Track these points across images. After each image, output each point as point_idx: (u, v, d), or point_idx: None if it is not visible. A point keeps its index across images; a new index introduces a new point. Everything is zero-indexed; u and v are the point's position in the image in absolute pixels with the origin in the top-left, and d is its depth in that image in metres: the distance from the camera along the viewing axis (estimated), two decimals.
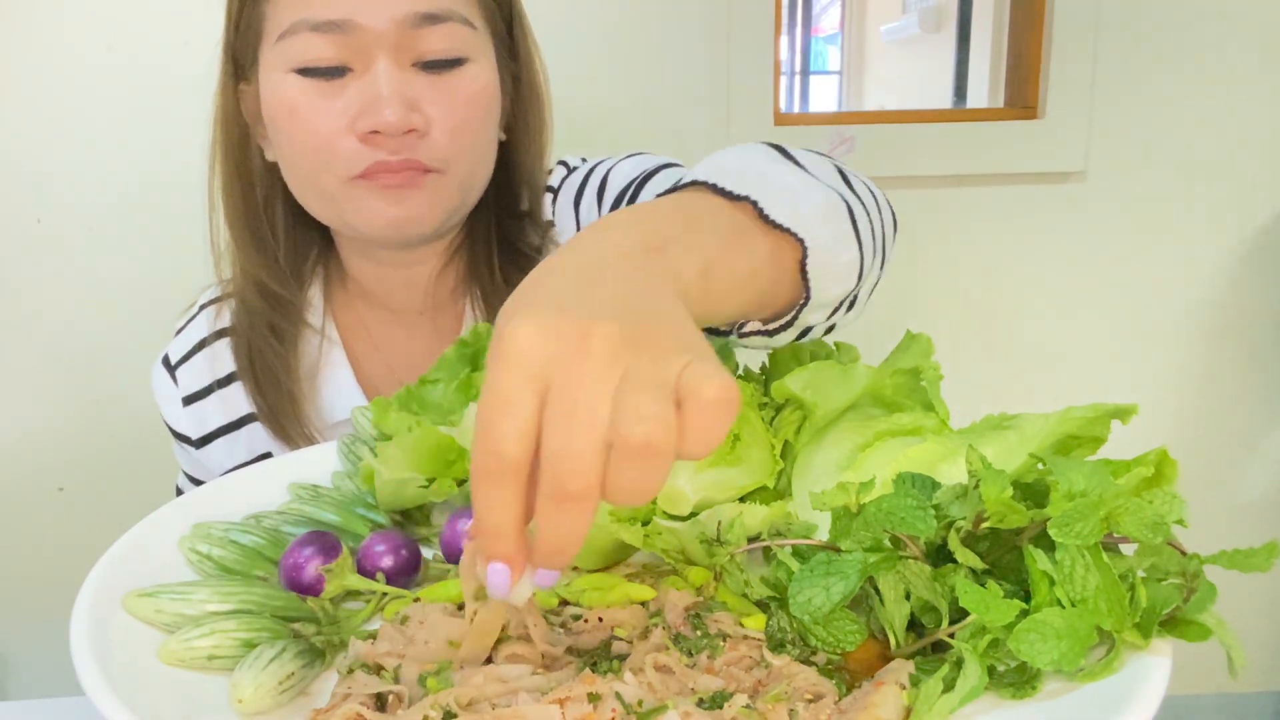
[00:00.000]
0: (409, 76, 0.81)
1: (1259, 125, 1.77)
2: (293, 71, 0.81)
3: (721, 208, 0.54)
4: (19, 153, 1.64)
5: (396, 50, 0.80)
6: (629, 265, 0.46)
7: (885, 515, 0.51)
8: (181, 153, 1.65)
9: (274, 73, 0.83)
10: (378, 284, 0.96)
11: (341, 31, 0.79)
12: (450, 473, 0.70)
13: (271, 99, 0.83)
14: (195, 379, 0.96)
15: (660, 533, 0.62)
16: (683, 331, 0.42)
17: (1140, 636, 0.49)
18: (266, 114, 0.85)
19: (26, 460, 1.75)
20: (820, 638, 0.53)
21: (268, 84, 0.84)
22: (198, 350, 0.97)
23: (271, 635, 0.55)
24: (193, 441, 0.96)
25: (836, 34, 5.52)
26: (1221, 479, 1.94)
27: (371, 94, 0.79)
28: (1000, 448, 0.61)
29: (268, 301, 0.92)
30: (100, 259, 1.68)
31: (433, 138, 0.82)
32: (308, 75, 0.81)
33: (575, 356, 0.39)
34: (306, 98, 0.81)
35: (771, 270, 0.56)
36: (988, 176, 1.77)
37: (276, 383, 0.92)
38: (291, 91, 0.81)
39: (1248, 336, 1.87)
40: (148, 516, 0.67)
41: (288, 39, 0.80)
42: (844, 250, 0.60)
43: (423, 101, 0.81)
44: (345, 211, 0.85)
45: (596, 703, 0.46)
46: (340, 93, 0.81)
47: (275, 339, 0.92)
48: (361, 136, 0.80)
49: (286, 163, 0.87)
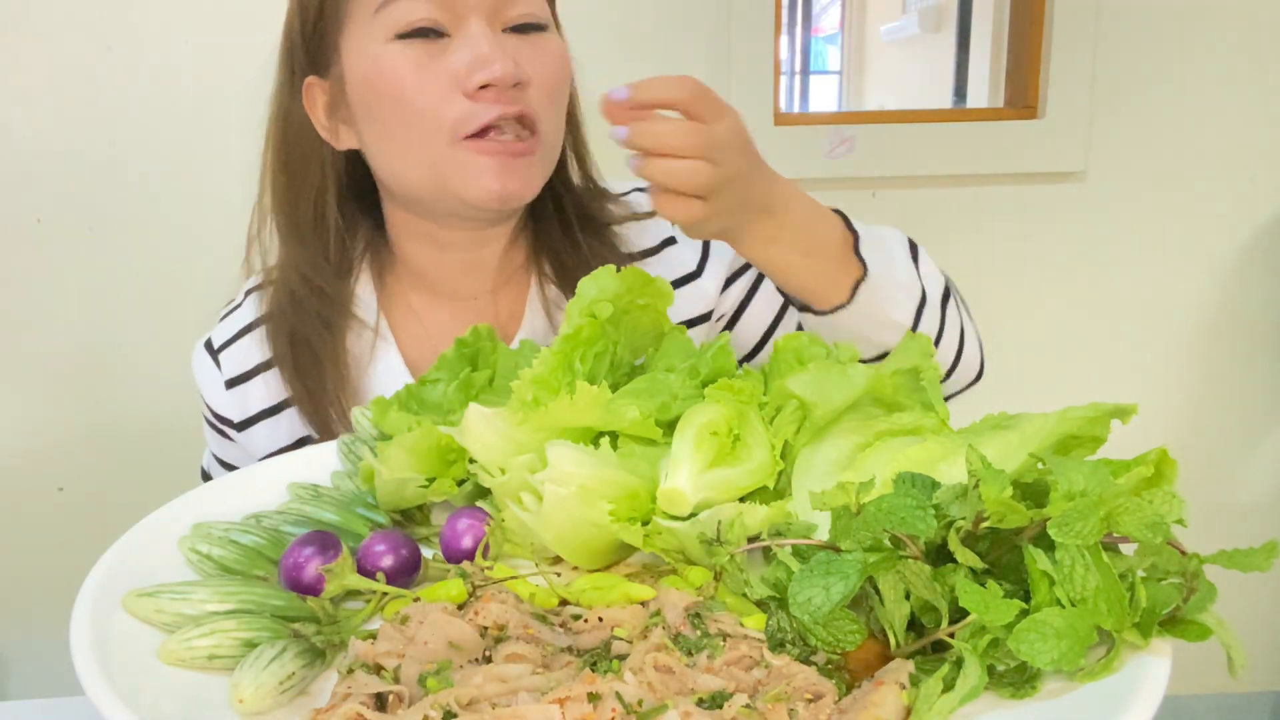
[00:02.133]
0: (503, 38, 0.85)
1: (1259, 125, 1.77)
2: (394, 39, 0.84)
3: (840, 229, 0.85)
4: (19, 153, 1.64)
5: (491, 14, 0.84)
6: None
7: (885, 515, 0.51)
8: (181, 152, 1.66)
9: (373, 45, 0.85)
10: (437, 269, 0.97)
11: None
12: (450, 473, 0.71)
13: (371, 72, 0.85)
14: (239, 362, 0.97)
15: (660, 533, 0.62)
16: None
17: (1140, 636, 0.49)
18: (363, 89, 0.87)
19: (26, 460, 1.75)
20: (820, 638, 0.53)
21: (365, 59, 0.86)
22: (243, 334, 0.98)
23: (272, 635, 0.55)
24: (235, 424, 0.97)
25: (836, 34, 5.52)
26: (1221, 479, 1.94)
27: (476, 52, 0.83)
28: (1000, 448, 0.61)
29: (313, 293, 0.94)
30: (100, 259, 1.68)
31: (533, 93, 0.86)
32: (410, 39, 0.84)
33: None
34: (411, 63, 0.84)
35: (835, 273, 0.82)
36: (988, 176, 1.77)
37: (318, 370, 0.93)
38: (395, 59, 0.84)
39: (1248, 336, 1.87)
40: (148, 516, 0.67)
41: (388, 8, 0.83)
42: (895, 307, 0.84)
43: (521, 59, 0.84)
44: (450, 179, 0.86)
45: (596, 702, 0.46)
46: (441, 55, 0.84)
47: (323, 327, 0.94)
48: (471, 94, 0.83)
49: (388, 136, 0.88)
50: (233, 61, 1.63)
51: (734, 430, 0.65)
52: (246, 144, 1.65)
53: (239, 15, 1.62)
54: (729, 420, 0.65)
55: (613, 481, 0.63)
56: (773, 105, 1.70)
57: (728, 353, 0.73)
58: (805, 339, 0.72)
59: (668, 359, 0.74)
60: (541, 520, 0.63)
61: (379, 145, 0.89)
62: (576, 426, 0.67)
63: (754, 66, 1.68)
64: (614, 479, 0.63)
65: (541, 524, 0.63)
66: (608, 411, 0.66)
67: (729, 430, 0.65)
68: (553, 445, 0.64)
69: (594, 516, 0.61)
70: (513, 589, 0.59)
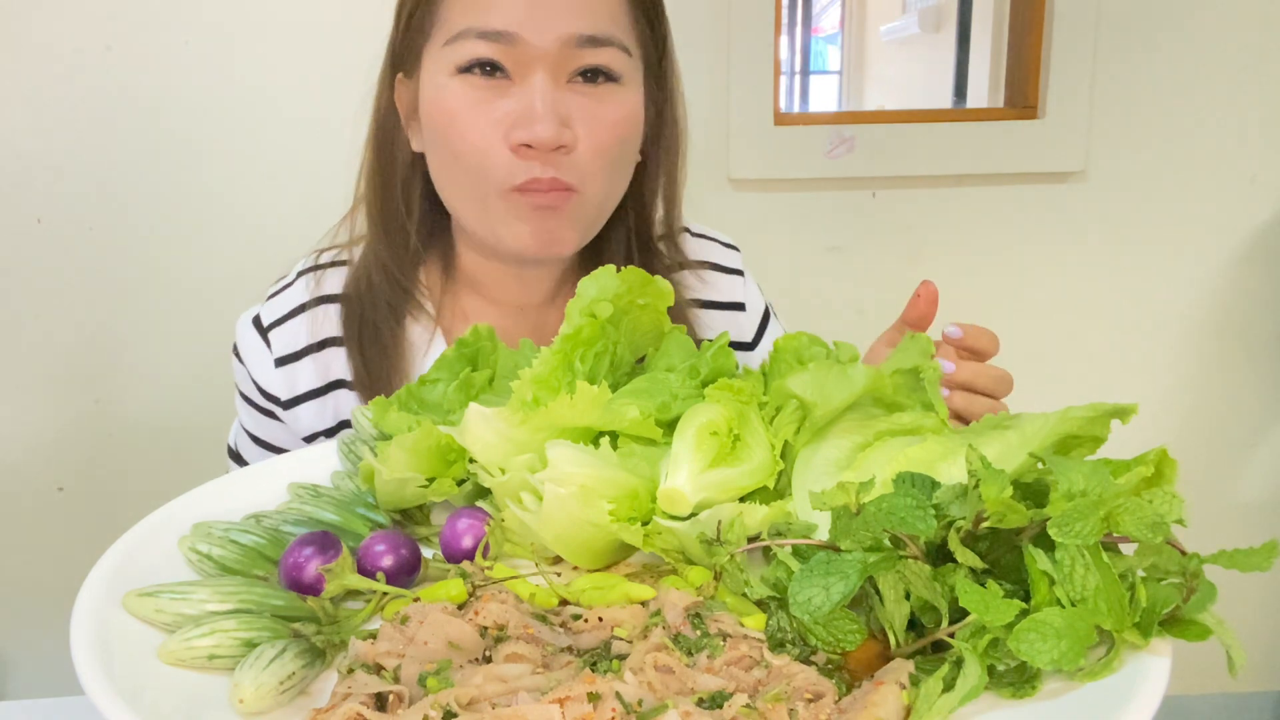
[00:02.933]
0: (563, 94, 0.85)
1: (1259, 125, 1.77)
2: (456, 74, 0.85)
3: None
4: (19, 153, 1.64)
5: (556, 66, 0.84)
6: None
7: (885, 515, 0.51)
8: (181, 153, 1.66)
9: (438, 75, 0.86)
10: (489, 277, 0.99)
11: (507, 42, 0.83)
12: (450, 473, 0.71)
13: (432, 100, 0.87)
14: (289, 342, 0.98)
15: (660, 533, 0.62)
16: None
17: (1140, 636, 0.49)
18: (424, 113, 0.89)
19: (26, 460, 1.75)
20: (820, 637, 0.53)
21: (430, 85, 0.88)
22: (295, 314, 0.99)
23: (272, 635, 0.55)
24: (282, 403, 0.97)
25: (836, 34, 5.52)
26: (1221, 479, 1.94)
27: (527, 107, 0.83)
28: (1000, 447, 0.61)
29: (388, 280, 0.96)
30: (100, 259, 1.68)
31: (578, 154, 0.86)
32: (469, 74, 0.85)
33: None
34: (466, 103, 0.85)
35: None
36: (988, 176, 1.77)
37: (380, 355, 0.95)
38: (453, 96, 0.85)
39: (1248, 336, 1.87)
40: (148, 516, 0.67)
41: (455, 43, 0.85)
42: None
43: (573, 119, 0.85)
44: (496, 224, 0.88)
45: (596, 702, 0.46)
46: (498, 99, 0.84)
47: (391, 315, 0.96)
48: (513, 148, 0.84)
49: (442, 165, 0.90)
50: (233, 61, 1.63)
51: (734, 430, 0.65)
52: (247, 143, 1.66)
53: (239, 15, 1.62)
54: (729, 420, 0.65)
55: (613, 481, 0.63)
56: (773, 105, 1.70)
57: (728, 353, 0.73)
58: (805, 339, 0.72)
59: (668, 359, 0.74)
60: (541, 520, 0.63)
61: (437, 170, 0.91)
62: (576, 426, 0.67)
63: (754, 66, 1.68)
64: (614, 479, 0.63)
65: (541, 524, 0.63)
66: (608, 411, 0.66)
67: (729, 430, 0.65)
68: (553, 445, 0.64)
69: (594, 516, 0.61)
70: (513, 589, 0.59)
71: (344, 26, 1.63)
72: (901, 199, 1.76)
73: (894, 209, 1.75)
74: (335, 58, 1.64)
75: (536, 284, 0.99)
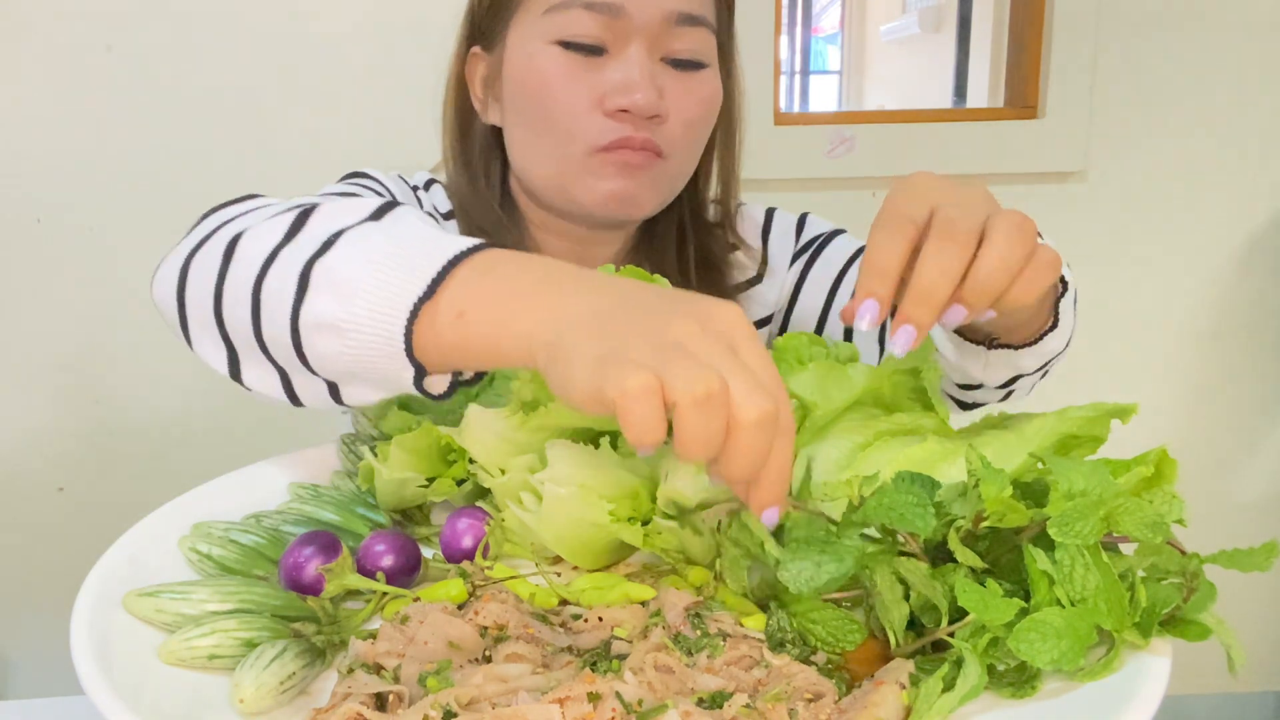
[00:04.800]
0: (658, 68, 0.87)
1: (1258, 126, 1.77)
2: (555, 43, 0.86)
3: None
4: (19, 153, 1.64)
5: (653, 41, 0.87)
6: None
7: (885, 510, 0.51)
8: (181, 152, 1.66)
9: (533, 42, 0.88)
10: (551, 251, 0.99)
11: (611, 14, 0.85)
12: (450, 472, 0.71)
13: (526, 67, 0.88)
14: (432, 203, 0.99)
15: (660, 533, 0.62)
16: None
17: (1140, 636, 0.49)
18: (514, 81, 0.90)
19: (26, 460, 1.75)
20: (820, 636, 0.53)
21: (522, 53, 0.89)
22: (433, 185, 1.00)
23: (272, 635, 0.55)
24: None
25: (836, 34, 5.52)
26: (1221, 479, 1.94)
27: (626, 76, 0.85)
28: (1000, 447, 0.61)
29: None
30: (100, 259, 1.68)
31: (669, 126, 0.88)
32: (570, 49, 0.86)
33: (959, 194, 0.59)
34: (564, 70, 0.86)
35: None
36: (988, 176, 1.77)
37: None
38: (550, 62, 0.87)
39: (1248, 336, 1.87)
40: (148, 516, 0.67)
41: (557, 12, 0.86)
42: (1074, 315, 0.75)
43: (667, 92, 0.87)
44: (572, 183, 0.89)
45: (596, 702, 0.46)
46: (595, 70, 0.86)
47: None
48: (609, 113, 0.86)
49: (527, 128, 0.91)
50: (232, 61, 1.63)
51: None
52: (247, 144, 1.66)
53: (238, 16, 1.62)
54: None
55: (613, 481, 0.63)
56: (773, 105, 1.70)
57: None
58: (805, 339, 0.72)
59: None
60: (541, 520, 0.63)
61: (517, 135, 0.92)
62: (576, 426, 0.67)
63: (754, 66, 1.67)
64: (614, 479, 0.63)
65: (541, 524, 0.63)
66: None
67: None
68: (553, 445, 0.64)
69: (594, 516, 0.61)
70: (513, 589, 0.59)
71: (344, 28, 1.63)
72: None
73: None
74: (336, 58, 1.64)
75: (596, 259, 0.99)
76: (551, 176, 0.90)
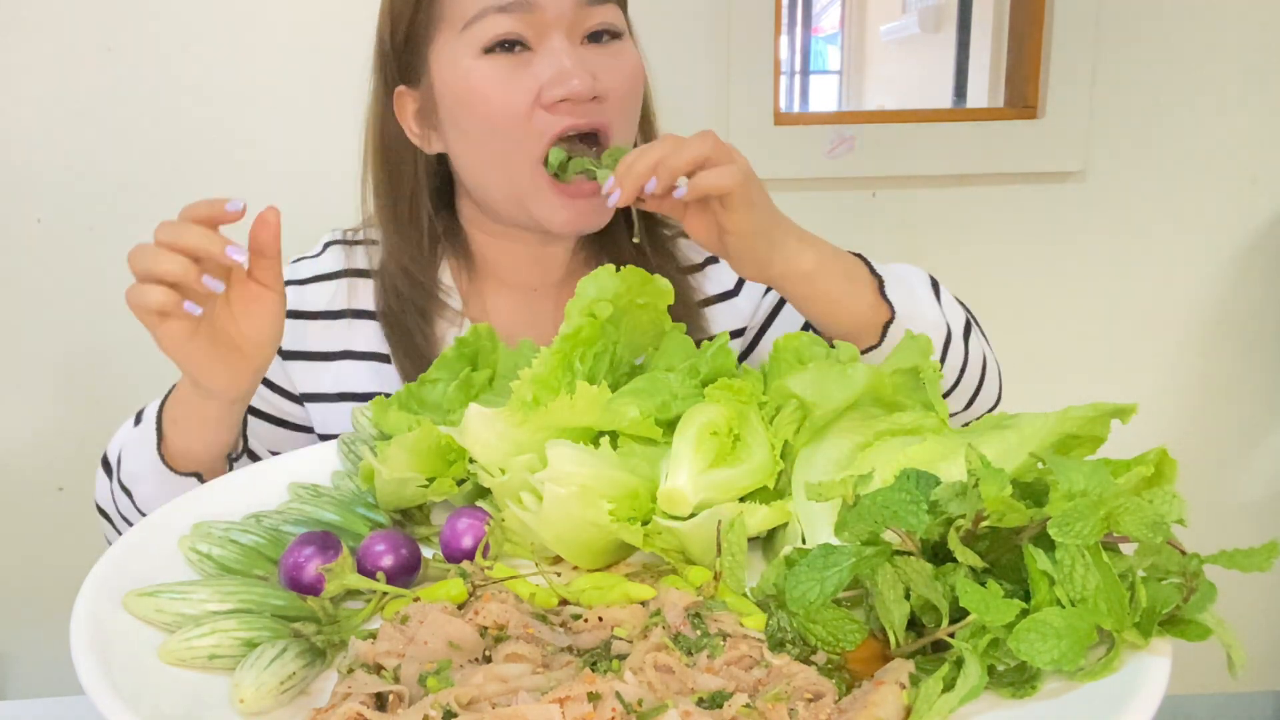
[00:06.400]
0: (583, 51, 0.90)
1: (1259, 125, 1.77)
2: (481, 54, 0.88)
3: (866, 272, 0.86)
4: (19, 153, 1.64)
5: (571, 28, 0.89)
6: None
7: (879, 509, 0.51)
8: (181, 153, 1.66)
9: (460, 61, 0.89)
10: (506, 258, 1.01)
11: (525, 10, 0.87)
12: (450, 472, 0.71)
13: (460, 86, 0.90)
14: (307, 301, 1.00)
15: (660, 533, 0.62)
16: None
17: (1140, 636, 0.49)
18: (450, 101, 0.91)
19: (26, 460, 1.75)
20: (820, 637, 0.53)
21: (453, 74, 0.90)
22: (319, 280, 1.01)
23: (272, 635, 0.55)
24: (281, 352, 0.99)
25: (836, 34, 5.52)
26: (1221, 479, 1.94)
27: (557, 67, 0.87)
28: (1000, 447, 0.61)
29: (411, 284, 0.99)
30: (100, 259, 1.68)
31: (609, 103, 0.90)
32: (494, 53, 0.88)
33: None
34: (496, 76, 0.88)
35: (866, 315, 0.84)
36: (988, 176, 1.77)
37: (417, 357, 0.97)
38: (481, 73, 0.89)
39: (1247, 336, 1.87)
40: (148, 516, 0.67)
41: (475, 24, 0.88)
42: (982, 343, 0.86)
43: (599, 72, 0.89)
44: (529, 203, 0.91)
45: (596, 702, 0.46)
46: (524, 68, 0.88)
47: (419, 315, 0.98)
48: (549, 106, 0.88)
49: (471, 144, 0.92)
50: (232, 62, 1.63)
51: (734, 430, 0.65)
52: (247, 144, 1.66)
53: (238, 16, 1.62)
54: (729, 420, 0.65)
55: (613, 481, 0.63)
56: (773, 105, 1.70)
57: (727, 353, 0.73)
58: (805, 339, 0.72)
59: (668, 359, 0.74)
60: (541, 520, 0.63)
61: (466, 154, 0.94)
62: (576, 426, 0.67)
63: (754, 66, 1.68)
64: (614, 479, 0.63)
65: (541, 524, 0.63)
66: (608, 411, 0.66)
67: (729, 430, 0.65)
68: (553, 445, 0.64)
69: (594, 516, 0.61)
70: (513, 589, 0.59)
71: (344, 26, 1.63)
72: (901, 199, 1.76)
73: (894, 209, 1.75)
74: (336, 58, 1.64)
75: (552, 262, 1.01)
76: (508, 195, 0.92)
